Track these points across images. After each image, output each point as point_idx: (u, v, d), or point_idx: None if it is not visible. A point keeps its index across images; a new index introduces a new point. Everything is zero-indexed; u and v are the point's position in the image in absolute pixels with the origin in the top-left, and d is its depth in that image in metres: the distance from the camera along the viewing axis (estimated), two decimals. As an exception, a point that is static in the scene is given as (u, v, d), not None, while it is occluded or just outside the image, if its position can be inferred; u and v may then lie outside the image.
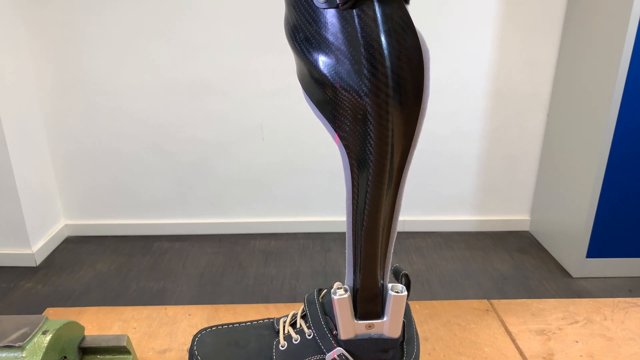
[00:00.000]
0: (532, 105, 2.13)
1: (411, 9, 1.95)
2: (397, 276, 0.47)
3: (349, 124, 0.37)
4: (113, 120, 2.09)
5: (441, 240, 2.22)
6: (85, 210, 2.24)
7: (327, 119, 0.38)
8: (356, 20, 0.34)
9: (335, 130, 0.38)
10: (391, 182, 0.39)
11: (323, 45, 0.36)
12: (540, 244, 2.19)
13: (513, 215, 2.31)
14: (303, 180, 2.20)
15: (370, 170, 0.38)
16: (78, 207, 2.23)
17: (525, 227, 2.32)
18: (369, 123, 0.36)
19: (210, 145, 2.14)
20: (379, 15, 0.34)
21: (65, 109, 2.07)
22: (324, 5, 0.35)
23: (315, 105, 0.38)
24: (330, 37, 0.35)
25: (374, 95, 0.35)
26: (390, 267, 0.46)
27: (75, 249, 2.14)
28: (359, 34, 0.34)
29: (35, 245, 2.02)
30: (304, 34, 0.37)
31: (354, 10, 0.34)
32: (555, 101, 2.08)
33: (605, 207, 1.84)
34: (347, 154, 0.39)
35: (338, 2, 0.34)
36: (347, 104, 0.36)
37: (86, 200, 2.22)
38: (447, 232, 2.28)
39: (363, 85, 0.35)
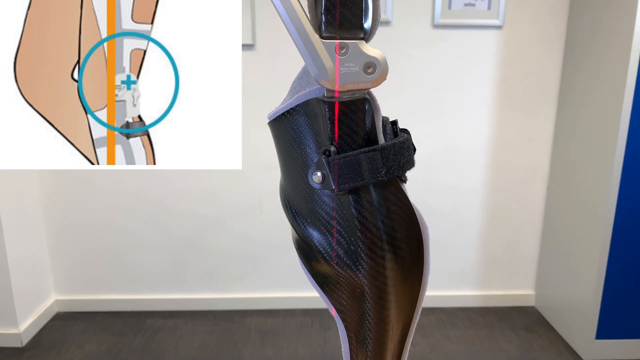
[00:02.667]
0: (531, 178, 2.12)
1: (411, 86, 1.99)
2: None
3: (346, 299, 0.34)
4: (108, 194, 2.08)
5: (444, 317, 2.13)
6: (77, 285, 2.17)
7: (323, 291, 0.36)
8: (352, 205, 0.32)
9: (331, 303, 0.36)
10: (392, 356, 0.36)
11: (318, 222, 0.34)
12: (546, 321, 2.11)
13: (517, 290, 2.24)
14: (301, 254, 2.15)
15: (370, 347, 0.35)
16: (70, 282, 2.17)
17: (530, 302, 2.24)
18: (367, 302, 0.33)
19: (207, 219, 2.11)
20: (375, 199, 0.32)
21: (61, 184, 2.06)
22: (318, 187, 0.33)
23: (310, 275, 0.36)
24: (326, 216, 0.33)
25: (372, 277, 0.33)
26: None
27: (64, 327, 2.05)
28: (355, 219, 0.32)
29: (23, 324, 1.94)
30: (298, 207, 0.35)
31: (350, 196, 0.32)
32: (555, 174, 2.08)
33: (613, 283, 1.78)
34: (345, 327, 0.36)
35: (333, 187, 0.32)
36: (344, 281, 0.34)
37: (79, 275, 2.16)
38: (450, 308, 2.20)
39: (360, 267, 0.33)
